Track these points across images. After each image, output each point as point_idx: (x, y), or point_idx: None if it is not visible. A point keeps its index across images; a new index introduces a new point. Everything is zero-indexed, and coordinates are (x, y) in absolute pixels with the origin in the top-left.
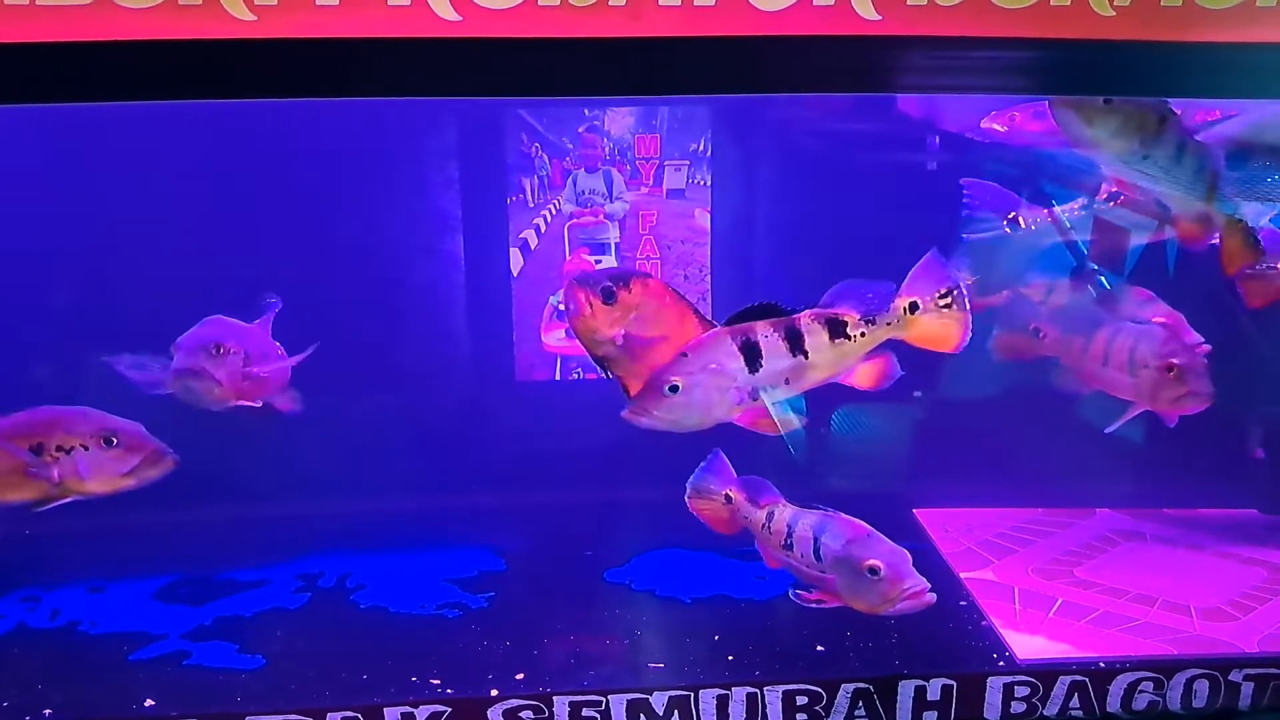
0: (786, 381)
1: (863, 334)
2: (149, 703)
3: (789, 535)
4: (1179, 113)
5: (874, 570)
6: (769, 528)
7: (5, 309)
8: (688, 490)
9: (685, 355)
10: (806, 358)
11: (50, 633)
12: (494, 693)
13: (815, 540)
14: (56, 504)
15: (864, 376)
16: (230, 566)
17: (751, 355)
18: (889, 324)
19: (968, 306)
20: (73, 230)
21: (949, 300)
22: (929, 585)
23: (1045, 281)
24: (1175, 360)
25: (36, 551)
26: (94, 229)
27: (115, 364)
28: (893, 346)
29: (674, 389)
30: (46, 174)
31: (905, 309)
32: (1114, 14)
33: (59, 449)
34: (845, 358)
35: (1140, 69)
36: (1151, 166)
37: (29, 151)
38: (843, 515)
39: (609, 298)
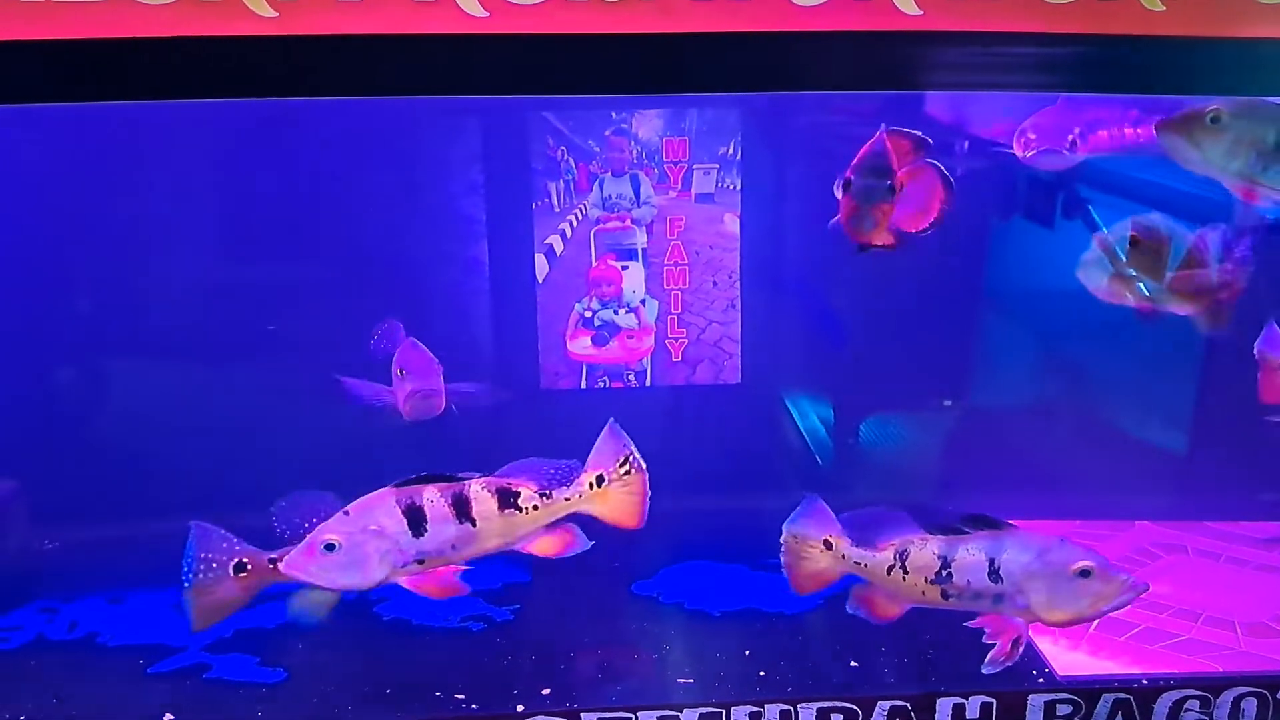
0: (454, 548)
1: (536, 506)
2: (168, 717)
3: (944, 567)
4: None
5: (1086, 572)
6: (903, 566)
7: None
8: (784, 544)
9: (347, 513)
10: (474, 526)
11: (68, 644)
12: (520, 708)
13: (991, 562)
14: None
15: (543, 547)
16: None
17: (416, 520)
18: (569, 499)
19: (644, 472)
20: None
21: (628, 468)
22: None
23: None
24: None
25: (55, 562)
26: (89, 231)
27: (345, 383)
28: (910, 343)
29: (330, 547)
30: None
31: (592, 483)
32: (1164, 9)
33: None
34: (518, 528)
35: (1192, 66)
36: (1275, 179)
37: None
38: (1015, 528)
39: (892, 194)
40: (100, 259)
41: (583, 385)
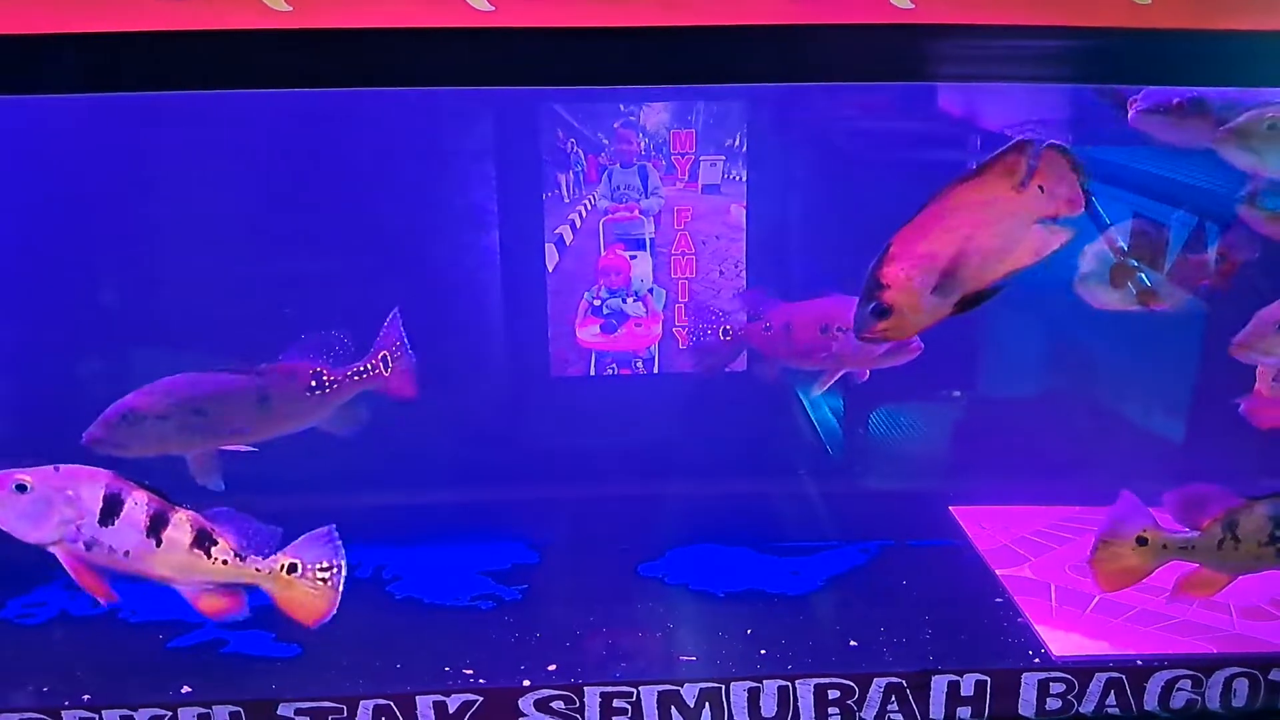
0: (126, 554)
1: (225, 562)
2: (186, 689)
3: (1277, 527)
4: None
5: None
6: (1234, 536)
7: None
8: (1095, 547)
9: (56, 469)
10: (158, 546)
11: (91, 620)
12: (526, 683)
13: None
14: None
15: (207, 604)
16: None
17: (111, 509)
18: (259, 571)
19: (340, 588)
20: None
21: (327, 576)
22: None
23: None
24: None
25: None
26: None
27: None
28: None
29: (21, 488)
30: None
31: (283, 567)
32: (1150, 1)
33: (838, 330)
34: (196, 572)
35: (1182, 58)
36: None
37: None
38: None
39: (883, 315)
40: (101, 258)
41: (592, 372)
